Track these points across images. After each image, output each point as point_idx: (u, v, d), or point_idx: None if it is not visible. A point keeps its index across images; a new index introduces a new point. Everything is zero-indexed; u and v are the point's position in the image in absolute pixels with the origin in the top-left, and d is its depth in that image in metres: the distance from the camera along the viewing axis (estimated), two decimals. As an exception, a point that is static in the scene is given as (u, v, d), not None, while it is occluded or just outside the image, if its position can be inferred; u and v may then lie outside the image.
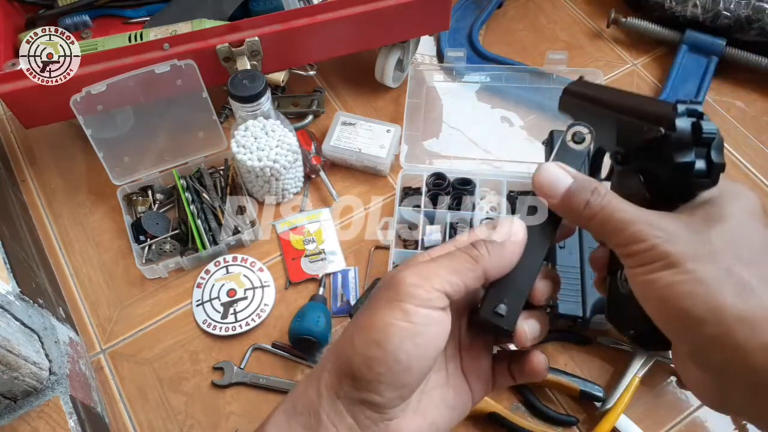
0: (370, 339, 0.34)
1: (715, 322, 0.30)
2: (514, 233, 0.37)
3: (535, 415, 0.70)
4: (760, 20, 0.90)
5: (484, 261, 0.36)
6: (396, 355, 0.34)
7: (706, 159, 0.33)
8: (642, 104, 0.37)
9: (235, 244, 0.82)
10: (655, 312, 0.33)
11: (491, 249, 0.36)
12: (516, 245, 0.37)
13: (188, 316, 0.78)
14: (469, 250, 0.37)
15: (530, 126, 0.91)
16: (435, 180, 0.81)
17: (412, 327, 0.34)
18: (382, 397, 0.34)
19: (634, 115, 0.37)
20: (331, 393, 0.36)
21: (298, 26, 0.79)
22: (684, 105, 0.34)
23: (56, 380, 0.63)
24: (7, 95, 0.74)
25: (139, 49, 0.77)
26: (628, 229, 0.33)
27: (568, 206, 0.36)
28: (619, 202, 0.34)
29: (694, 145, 0.33)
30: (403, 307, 0.34)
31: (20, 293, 0.63)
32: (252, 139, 0.78)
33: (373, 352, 0.34)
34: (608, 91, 0.42)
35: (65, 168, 0.90)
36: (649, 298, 0.33)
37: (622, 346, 0.73)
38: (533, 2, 1.07)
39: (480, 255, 0.36)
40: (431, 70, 0.96)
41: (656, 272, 0.32)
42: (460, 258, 0.36)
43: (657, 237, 0.32)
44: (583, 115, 0.42)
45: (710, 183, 0.34)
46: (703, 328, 0.31)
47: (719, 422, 0.69)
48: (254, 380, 0.73)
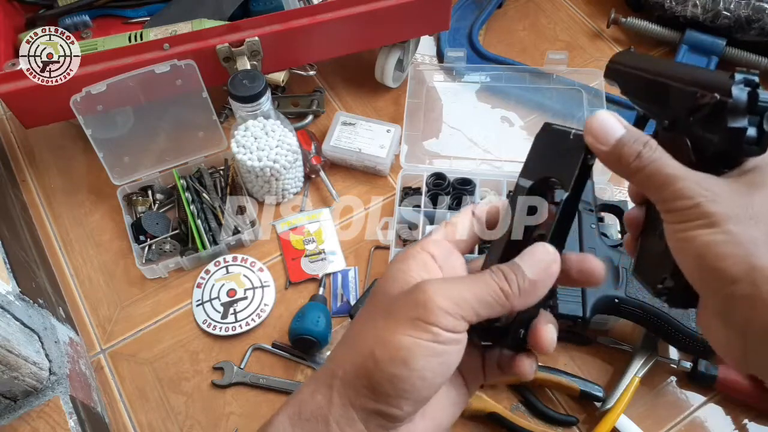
0: (395, 357, 0.34)
1: (749, 281, 0.31)
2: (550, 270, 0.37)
3: (535, 415, 0.70)
4: (760, 20, 0.90)
5: (513, 300, 0.36)
6: (422, 374, 0.34)
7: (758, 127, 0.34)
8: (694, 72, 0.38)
9: (235, 244, 0.82)
10: (690, 268, 0.34)
11: (523, 287, 0.36)
12: (548, 283, 0.37)
13: (188, 316, 0.78)
14: (501, 281, 0.36)
15: (530, 126, 0.91)
16: (435, 180, 0.81)
17: (439, 348, 0.34)
18: (401, 411, 0.35)
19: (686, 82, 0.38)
20: (344, 401, 0.36)
21: (298, 26, 0.79)
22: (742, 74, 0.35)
23: (56, 380, 0.63)
24: (7, 95, 0.74)
25: (139, 49, 0.77)
26: (675, 185, 0.33)
27: (618, 155, 0.35)
28: (668, 159, 0.35)
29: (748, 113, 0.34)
30: (430, 330, 0.34)
31: (20, 293, 0.63)
32: (252, 139, 0.78)
33: (398, 370, 0.34)
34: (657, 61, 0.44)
35: (65, 168, 0.90)
36: (686, 255, 0.34)
37: (622, 346, 0.73)
38: (533, 2, 1.07)
39: (511, 293, 0.35)
40: (431, 70, 0.96)
41: (697, 230, 0.33)
42: (491, 290, 0.35)
43: (702, 196, 0.33)
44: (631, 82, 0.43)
45: (759, 150, 0.35)
46: (736, 287, 0.32)
47: (719, 422, 0.69)
48: (254, 380, 0.73)
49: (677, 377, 0.72)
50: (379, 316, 0.37)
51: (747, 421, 0.69)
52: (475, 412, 0.69)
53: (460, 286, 0.36)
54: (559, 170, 0.38)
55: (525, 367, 0.40)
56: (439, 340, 0.34)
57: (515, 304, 0.36)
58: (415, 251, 0.39)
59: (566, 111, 0.91)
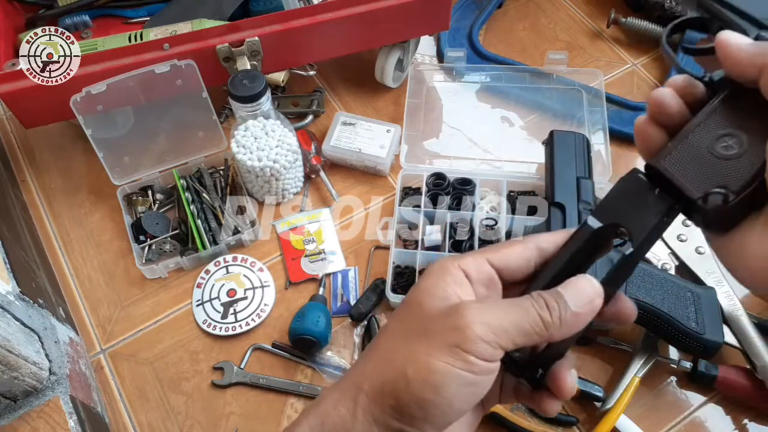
0: (428, 381, 0.34)
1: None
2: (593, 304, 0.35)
3: (535, 415, 0.70)
4: (760, 20, 0.90)
5: (552, 330, 0.35)
6: (451, 401, 0.34)
7: None
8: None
9: (235, 244, 0.82)
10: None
11: (564, 318, 0.35)
12: (589, 317, 0.35)
13: (188, 316, 0.78)
14: (542, 310, 0.35)
15: (530, 126, 0.91)
16: (435, 180, 0.81)
17: (472, 378, 0.34)
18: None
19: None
20: (368, 417, 0.35)
21: (298, 26, 0.79)
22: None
23: (56, 380, 0.63)
24: (7, 95, 0.74)
25: (139, 49, 0.77)
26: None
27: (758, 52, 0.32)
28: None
29: None
30: (466, 358, 0.33)
31: (20, 293, 0.63)
32: (252, 139, 0.78)
33: (429, 395, 0.33)
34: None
35: (65, 168, 0.90)
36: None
37: (622, 346, 0.73)
38: (533, 2, 1.07)
39: (552, 323, 0.35)
40: (431, 70, 0.96)
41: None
42: (531, 318, 0.35)
43: None
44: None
45: None
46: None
47: (719, 422, 0.69)
48: (254, 380, 0.73)
49: (677, 377, 0.72)
50: (414, 334, 0.36)
51: (747, 421, 0.69)
52: (475, 412, 0.69)
53: (499, 312, 0.35)
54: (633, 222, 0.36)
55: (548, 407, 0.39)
56: (474, 370, 0.33)
57: (555, 335, 0.35)
58: (453, 267, 0.38)
59: (566, 111, 0.91)
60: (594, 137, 0.84)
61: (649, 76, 0.98)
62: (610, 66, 0.99)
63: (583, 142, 0.79)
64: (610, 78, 0.97)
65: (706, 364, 0.69)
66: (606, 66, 0.99)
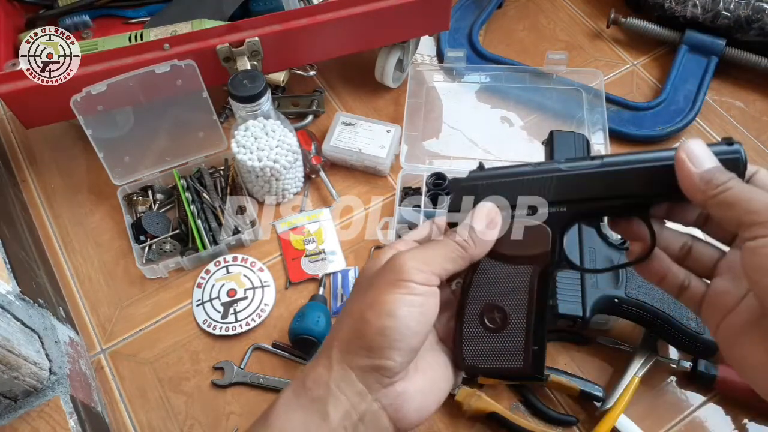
0: (382, 311, 0.40)
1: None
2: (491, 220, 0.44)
3: (535, 414, 0.70)
4: (760, 20, 0.90)
5: (471, 250, 0.43)
6: (406, 322, 0.40)
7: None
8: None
9: (235, 244, 0.82)
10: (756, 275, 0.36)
11: (476, 238, 0.43)
12: (494, 232, 0.44)
13: (188, 316, 0.78)
14: (458, 238, 0.43)
15: (530, 126, 0.91)
16: (435, 180, 0.81)
17: (418, 299, 0.40)
18: (394, 362, 0.40)
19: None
20: (342, 365, 0.41)
21: (298, 26, 0.79)
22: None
23: (56, 380, 0.63)
24: (7, 95, 0.74)
25: (139, 49, 0.77)
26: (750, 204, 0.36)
27: (706, 180, 0.38)
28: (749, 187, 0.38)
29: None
30: (408, 285, 0.40)
31: (20, 293, 0.63)
32: (252, 139, 0.78)
33: (386, 321, 0.40)
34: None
35: (65, 168, 0.90)
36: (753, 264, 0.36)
37: (622, 346, 0.73)
38: (533, 2, 1.07)
39: (468, 245, 0.43)
40: (431, 70, 0.96)
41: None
42: (451, 247, 0.43)
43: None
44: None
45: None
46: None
47: (719, 422, 0.69)
48: (254, 380, 0.73)
49: (677, 377, 0.72)
50: (364, 290, 0.43)
51: (747, 421, 0.69)
52: (475, 412, 0.69)
53: (426, 249, 0.43)
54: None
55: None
56: (416, 292, 0.40)
57: (473, 255, 0.43)
58: (386, 247, 0.46)
59: (566, 111, 0.91)
60: (594, 137, 0.85)
61: (648, 76, 0.98)
62: (609, 66, 0.99)
63: (582, 142, 0.79)
64: (610, 78, 0.97)
65: (706, 364, 0.69)
66: (606, 66, 0.99)
